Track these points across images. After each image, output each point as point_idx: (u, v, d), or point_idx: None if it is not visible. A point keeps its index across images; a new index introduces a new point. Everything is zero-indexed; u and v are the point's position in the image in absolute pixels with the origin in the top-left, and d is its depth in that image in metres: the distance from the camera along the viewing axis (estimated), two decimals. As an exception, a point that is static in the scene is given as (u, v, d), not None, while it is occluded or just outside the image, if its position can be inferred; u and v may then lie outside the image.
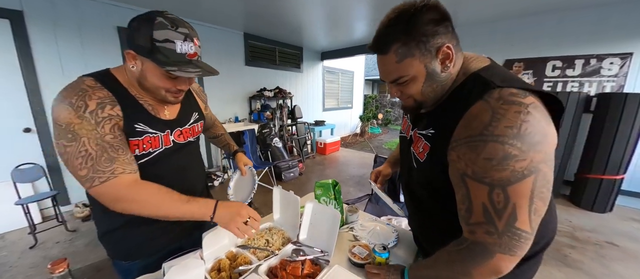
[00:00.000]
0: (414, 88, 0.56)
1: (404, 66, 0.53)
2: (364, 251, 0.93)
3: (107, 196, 0.61)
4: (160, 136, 0.72)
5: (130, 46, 0.61)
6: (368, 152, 5.56)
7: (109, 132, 0.61)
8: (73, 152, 0.57)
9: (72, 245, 2.12)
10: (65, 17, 2.44)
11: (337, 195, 1.06)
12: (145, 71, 0.63)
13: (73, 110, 0.57)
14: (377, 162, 2.12)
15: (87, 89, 0.60)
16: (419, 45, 0.51)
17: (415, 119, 0.70)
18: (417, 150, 0.64)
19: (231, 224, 0.71)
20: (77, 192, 2.72)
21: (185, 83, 0.68)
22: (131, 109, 0.66)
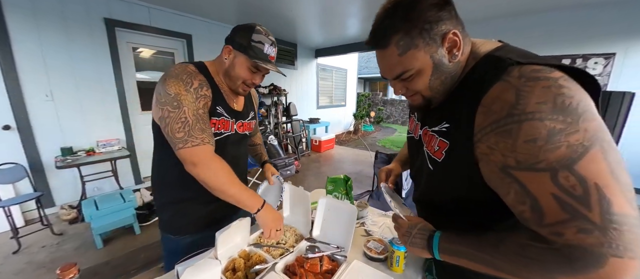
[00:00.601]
0: (420, 83, 0.51)
1: (407, 59, 0.48)
2: (380, 246, 0.92)
3: (192, 158, 0.72)
4: (231, 122, 0.87)
5: (229, 43, 0.80)
6: (362, 149, 5.59)
7: (202, 108, 0.76)
8: (175, 117, 0.71)
9: (59, 249, 2.01)
10: (48, 8, 2.29)
11: (349, 190, 1.05)
12: (235, 63, 0.80)
13: (183, 84, 0.72)
14: (378, 159, 2.13)
15: (193, 72, 0.77)
16: (422, 33, 0.45)
17: (424, 116, 0.62)
18: (432, 149, 0.56)
19: (271, 225, 0.82)
20: (62, 194, 2.57)
21: (259, 79, 0.84)
22: (217, 94, 0.81)
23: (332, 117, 6.65)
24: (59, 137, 2.48)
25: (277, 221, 0.84)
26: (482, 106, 0.43)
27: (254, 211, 0.80)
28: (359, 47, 5.07)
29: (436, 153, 0.54)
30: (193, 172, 0.73)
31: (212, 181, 0.74)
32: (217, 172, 0.75)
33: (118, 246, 2.05)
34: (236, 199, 0.77)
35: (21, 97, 2.25)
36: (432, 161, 0.56)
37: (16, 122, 2.26)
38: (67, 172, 2.49)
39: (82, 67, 2.52)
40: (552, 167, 0.36)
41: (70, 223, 2.37)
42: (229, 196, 0.76)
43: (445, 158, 0.52)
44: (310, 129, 5.28)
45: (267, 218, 0.81)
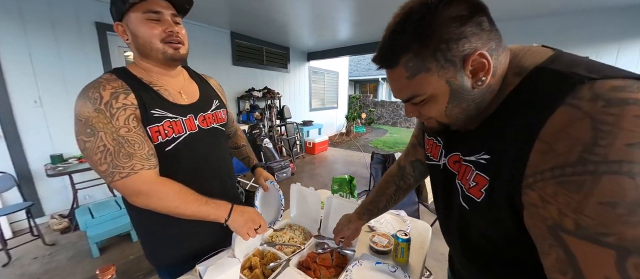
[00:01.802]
0: (434, 109, 0.43)
1: (417, 83, 0.40)
2: (384, 240, 0.99)
3: (127, 190, 0.62)
4: (182, 120, 0.71)
5: (114, 21, 0.66)
6: (355, 150, 5.69)
7: (123, 125, 0.60)
8: (92, 148, 0.58)
9: (53, 260, 1.95)
10: (35, 11, 2.23)
11: (353, 189, 1.11)
12: (133, 30, 0.64)
13: (90, 103, 0.58)
14: (374, 160, 2.21)
15: (102, 81, 0.62)
16: (436, 55, 0.37)
17: (453, 140, 0.52)
18: (467, 184, 0.45)
19: (243, 229, 0.73)
20: (51, 203, 2.49)
21: (172, 24, 0.67)
22: (146, 96, 0.66)
23: (325, 119, 6.72)
24: (48, 144, 2.41)
25: (250, 221, 0.74)
26: (541, 141, 0.33)
27: (222, 221, 0.70)
28: (350, 51, 5.19)
29: (473, 190, 0.44)
30: (136, 204, 0.63)
31: (160, 208, 0.64)
32: (163, 197, 0.63)
33: (115, 254, 2.02)
34: (198, 217, 0.67)
35: (8, 103, 2.18)
36: (468, 199, 0.45)
37: (3, 130, 2.18)
38: (57, 181, 2.42)
39: (73, 72, 2.46)
40: (624, 247, 0.26)
41: (62, 233, 2.30)
42: (189, 216, 0.66)
43: (486, 198, 0.42)
44: (303, 132, 5.32)
45: (238, 222, 0.72)
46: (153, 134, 0.66)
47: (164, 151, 0.68)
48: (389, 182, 0.81)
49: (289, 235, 0.99)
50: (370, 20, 3.58)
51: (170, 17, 0.67)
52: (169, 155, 0.69)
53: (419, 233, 1.10)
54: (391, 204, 0.81)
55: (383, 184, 0.82)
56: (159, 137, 0.67)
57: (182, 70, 0.82)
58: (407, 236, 0.88)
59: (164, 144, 0.68)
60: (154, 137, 0.66)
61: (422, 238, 1.06)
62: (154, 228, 0.76)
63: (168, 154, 0.69)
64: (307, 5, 2.97)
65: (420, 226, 1.16)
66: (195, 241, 0.82)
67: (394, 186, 0.80)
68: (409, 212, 1.79)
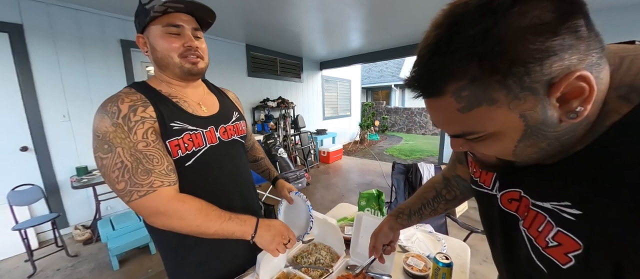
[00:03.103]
0: (497, 147, 0.33)
1: (474, 118, 0.30)
2: (420, 262, 0.89)
3: (146, 210, 0.58)
4: (203, 132, 0.68)
5: (137, 32, 0.66)
6: (370, 159, 5.56)
7: (142, 139, 0.58)
8: (109, 165, 0.55)
9: (75, 272, 1.97)
10: (66, 31, 2.36)
11: (382, 205, 1.03)
12: (152, 43, 0.64)
13: (108, 117, 0.57)
14: (396, 170, 2.10)
15: (121, 95, 0.61)
16: (507, 82, 0.26)
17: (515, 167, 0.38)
18: (542, 241, 0.35)
19: (271, 245, 0.68)
20: (75, 214, 2.55)
21: (191, 39, 0.65)
22: (165, 108, 0.64)
23: (338, 127, 6.66)
24: (74, 156, 2.49)
25: (278, 235, 0.69)
26: None
27: (248, 238, 0.66)
28: (362, 59, 5.16)
29: (553, 251, 0.34)
30: (156, 225, 0.60)
31: (181, 228, 0.60)
32: (184, 216, 0.59)
33: (134, 267, 2.01)
34: (222, 235, 0.63)
35: (40, 118, 2.28)
36: (546, 261, 0.35)
37: (33, 144, 2.28)
38: (81, 192, 2.49)
39: (98, 87, 2.56)
40: None
41: (84, 244, 2.34)
42: (212, 235, 0.62)
43: (578, 267, 0.32)
44: (317, 141, 5.28)
45: (265, 237, 0.67)
46: (173, 149, 0.63)
47: (184, 166, 0.65)
48: (428, 188, 0.73)
49: (314, 256, 0.91)
50: (380, 29, 3.56)
51: (191, 31, 0.65)
52: (189, 170, 0.66)
53: (456, 254, 1.00)
54: (427, 210, 0.71)
55: (422, 189, 0.75)
56: (179, 152, 0.64)
57: (201, 83, 0.80)
58: (448, 260, 0.78)
59: (183, 158, 0.65)
60: (174, 151, 0.63)
61: (462, 260, 0.96)
62: (174, 249, 0.72)
63: (188, 168, 0.66)
64: (320, 16, 2.99)
65: (456, 246, 1.06)
66: (215, 264, 0.77)
67: (433, 192, 0.71)
68: (436, 226, 1.66)
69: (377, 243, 0.75)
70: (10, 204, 2.01)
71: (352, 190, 3.65)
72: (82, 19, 2.44)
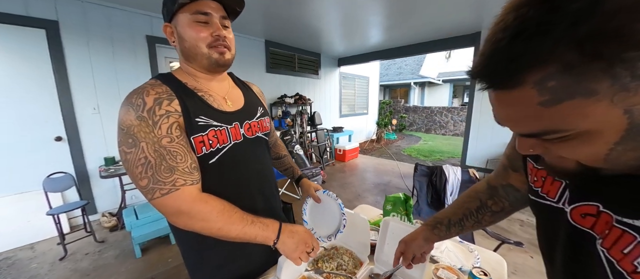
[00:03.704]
0: (585, 150, 0.28)
1: (560, 114, 0.25)
2: (452, 276, 0.81)
3: (168, 209, 0.56)
4: (227, 128, 0.65)
5: (164, 21, 0.64)
6: (386, 158, 5.41)
7: (166, 134, 0.55)
8: (133, 160, 0.53)
9: (101, 257, 2.07)
10: (98, 27, 2.47)
11: (410, 210, 0.96)
12: (180, 32, 0.61)
13: (133, 110, 0.54)
14: (418, 172, 2.00)
15: (146, 87, 0.58)
16: (615, 70, 0.22)
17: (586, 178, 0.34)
18: (628, 266, 0.30)
19: (295, 253, 0.65)
20: (103, 201, 2.69)
21: (219, 28, 0.62)
22: (191, 102, 0.61)
23: (355, 125, 6.55)
24: (103, 147, 2.62)
25: (302, 243, 0.66)
26: None
27: (270, 243, 0.63)
28: (381, 55, 5.00)
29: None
30: (177, 225, 0.58)
31: (202, 229, 0.58)
32: (206, 218, 0.57)
33: (155, 256, 2.08)
34: (244, 239, 0.60)
35: (72, 111, 2.41)
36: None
37: (67, 134, 2.42)
38: (109, 181, 2.62)
39: (125, 82, 2.66)
40: None
41: (111, 231, 2.46)
42: (234, 238, 0.59)
43: None
44: (334, 138, 5.22)
45: (288, 245, 0.64)
46: (197, 145, 0.60)
47: (207, 164, 0.62)
48: (471, 196, 0.65)
49: (337, 261, 0.86)
50: (402, 24, 3.42)
51: (219, 20, 0.63)
52: (212, 167, 0.63)
53: (492, 267, 0.90)
54: (470, 222, 0.63)
55: (464, 197, 0.66)
56: (203, 148, 0.61)
57: (227, 76, 0.77)
58: (487, 275, 0.70)
59: (207, 155, 0.62)
60: (198, 148, 0.60)
61: (498, 275, 0.87)
62: (195, 249, 0.71)
63: (211, 166, 0.63)
64: (341, 10, 2.91)
65: (491, 259, 0.96)
66: (234, 266, 0.74)
67: (478, 201, 0.63)
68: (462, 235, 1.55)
69: (408, 252, 0.69)
70: (46, 191, 2.14)
71: (368, 190, 3.56)
72: (113, 16, 2.54)
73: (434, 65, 12.11)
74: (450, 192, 1.82)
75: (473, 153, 3.96)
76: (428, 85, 13.00)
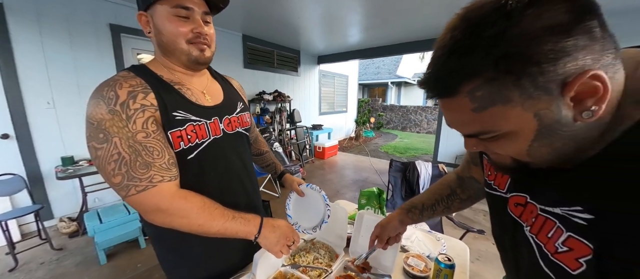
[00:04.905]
0: (511, 147, 0.33)
1: (488, 118, 0.30)
2: (420, 263, 0.87)
3: (145, 206, 0.54)
4: (206, 123, 0.64)
5: (139, 9, 0.59)
6: (365, 155, 5.56)
7: (141, 129, 0.53)
8: (105, 156, 0.51)
9: (60, 265, 1.89)
10: (51, 13, 2.22)
11: (383, 204, 1.00)
12: (158, 24, 0.58)
13: (104, 104, 0.51)
14: (393, 167, 2.09)
15: (118, 79, 0.55)
16: (522, 82, 0.26)
17: (527, 172, 0.39)
18: (551, 247, 0.34)
19: (276, 247, 0.66)
20: (61, 206, 2.46)
21: (201, 24, 0.60)
22: (168, 96, 0.59)
23: (334, 123, 6.62)
24: (59, 146, 2.38)
25: (283, 238, 0.66)
26: None
27: (252, 238, 0.63)
28: (360, 55, 5.11)
29: (563, 257, 0.33)
30: (155, 223, 0.56)
31: (182, 226, 0.56)
32: (186, 214, 0.55)
33: (123, 262, 1.95)
34: (225, 235, 0.59)
35: (21, 104, 2.16)
36: (555, 268, 0.34)
37: (15, 131, 2.16)
38: (67, 183, 2.39)
39: (86, 74, 2.44)
40: None
41: (70, 237, 2.25)
42: (214, 234, 0.58)
43: (587, 273, 0.31)
44: (313, 136, 5.24)
45: (270, 239, 0.64)
46: (174, 140, 0.58)
47: (185, 159, 0.61)
48: (443, 185, 0.72)
49: (313, 255, 0.88)
50: (381, 25, 3.51)
51: (201, 15, 0.60)
52: (191, 163, 0.62)
53: (456, 253, 0.98)
54: (440, 207, 0.71)
55: (437, 185, 0.73)
56: (181, 144, 0.59)
57: (206, 70, 0.75)
58: (450, 261, 0.77)
59: (186, 151, 0.60)
60: (176, 143, 0.58)
61: (462, 260, 0.94)
62: (173, 247, 0.69)
63: (190, 162, 0.61)
64: (320, 8, 2.91)
65: (456, 246, 1.04)
66: (213, 261, 0.74)
67: (448, 189, 0.70)
68: (431, 225, 1.66)
69: (383, 235, 0.74)
70: (-10, 195, 1.90)
71: (347, 186, 3.64)
72: (71, 1, 2.30)
73: (410, 66, 12.61)
74: (422, 186, 1.92)
75: (444, 150, 4.21)
76: (404, 85, 13.51)
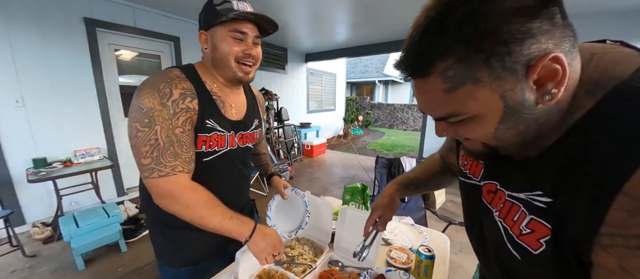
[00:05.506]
0: (479, 131, 0.34)
1: (458, 99, 0.31)
2: (403, 255, 0.90)
3: (159, 190, 0.61)
4: (227, 136, 0.73)
5: (200, 29, 0.69)
6: (353, 153, 5.61)
7: (180, 126, 0.62)
8: (143, 138, 0.58)
9: (33, 273, 1.79)
10: (18, 4, 2.08)
11: (367, 199, 1.02)
12: (215, 42, 0.67)
13: (159, 96, 0.59)
14: (379, 164, 2.12)
15: (175, 78, 0.63)
16: (491, 61, 0.28)
17: (499, 161, 0.42)
18: (516, 229, 0.37)
19: (263, 254, 0.70)
20: (33, 210, 2.32)
21: (251, 47, 0.69)
22: (206, 104, 0.67)
23: (322, 121, 6.64)
24: (30, 147, 2.25)
25: (271, 247, 0.70)
26: (627, 195, 0.25)
27: (242, 240, 0.67)
28: (348, 53, 5.14)
29: (526, 238, 0.35)
30: (161, 206, 0.62)
31: (185, 215, 0.62)
32: (191, 205, 0.62)
33: (103, 266, 1.87)
34: (219, 232, 0.64)
35: (-14, 103, 2.02)
36: (520, 249, 0.37)
37: (-21, 132, 2.02)
38: (40, 186, 2.25)
39: (59, 70, 2.31)
40: None
41: (45, 243, 2.14)
42: (211, 229, 0.63)
43: (548, 252, 0.33)
44: (301, 134, 5.23)
45: (259, 245, 0.68)
46: (199, 142, 0.67)
47: (201, 160, 0.69)
48: (433, 163, 0.75)
49: (298, 251, 0.89)
50: (368, 23, 3.54)
51: (253, 39, 0.69)
52: (204, 163, 0.69)
53: (437, 245, 1.02)
54: (433, 183, 0.75)
55: (427, 163, 0.76)
56: (203, 147, 0.68)
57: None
58: (430, 252, 0.79)
59: (204, 153, 0.69)
60: (199, 145, 0.67)
61: (442, 251, 0.98)
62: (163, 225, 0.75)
63: (204, 163, 0.69)
64: (307, 4, 2.90)
65: (437, 238, 1.08)
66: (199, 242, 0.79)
67: (439, 167, 0.74)
68: (416, 218, 1.71)
69: (386, 215, 0.72)
70: (-49, 200, 1.77)
71: (335, 184, 3.67)
72: (38, -8, 2.17)
73: (397, 64, 12.80)
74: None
75: (428, 147, 4.33)
76: (391, 83, 13.74)
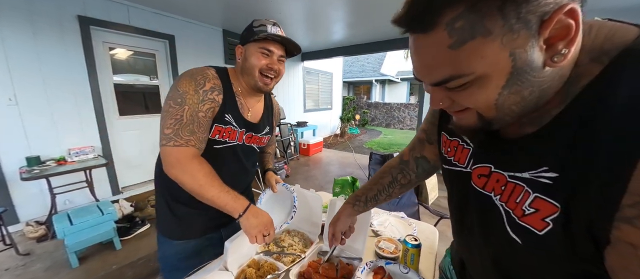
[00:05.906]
0: (481, 96, 0.31)
1: (464, 56, 0.28)
2: (391, 245, 0.92)
3: (171, 158, 0.69)
4: (238, 132, 0.82)
5: (238, 44, 0.82)
6: (350, 152, 5.64)
7: (204, 112, 0.72)
8: (172, 112, 0.69)
9: (27, 271, 1.79)
10: (10, 2, 2.07)
11: (356, 191, 1.04)
12: (247, 55, 0.79)
13: (194, 84, 0.72)
14: (373, 160, 2.15)
15: (209, 74, 0.76)
16: (506, 9, 0.26)
17: (487, 145, 0.40)
18: (519, 211, 0.35)
19: (254, 231, 0.72)
20: (26, 209, 2.31)
21: (275, 62, 0.79)
22: (229, 101, 0.79)
23: (319, 120, 6.65)
24: (24, 145, 2.23)
25: (262, 225, 0.73)
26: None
27: (235, 216, 0.71)
28: (345, 51, 5.14)
29: (530, 219, 0.33)
30: (170, 174, 0.69)
31: (188, 183, 0.68)
32: (195, 174, 0.68)
33: (96, 264, 1.87)
34: (215, 203, 0.70)
35: (-22, 101, 2.01)
36: (522, 231, 0.34)
37: (-28, 130, 2.01)
38: (34, 185, 2.25)
39: (52, 69, 2.30)
40: None
41: (38, 241, 2.13)
42: (207, 199, 0.69)
43: (556, 231, 0.31)
44: (298, 133, 5.24)
45: (251, 222, 0.72)
46: (215, 130, 0.77)
47: (212, 147, 0.78)
48: (385, 172, 0.72)
49: (287, 242, 0.90)
50: (365, 21, 3.54)
51: (278, 56, 0.80)
52: (214, 151, 0.78)
53: (425, 236, 1.04)
54: (383, 196, 0.72)
55: (379, 174, 0.74)
56: (217, 135, 0.78)
57: None
58: (417, 241, 0.81)
59: (216, 141, 0.79)
60: (214, 132, 0.77)
61: (430, 242, 1.00)
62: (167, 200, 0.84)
63: (213, 150, 0.78)
64: (303, 3, 2.91)
65: (426, 229, 1.10)
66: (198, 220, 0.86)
67: (389, 177, 0.71)
68: (409, 213, 1.73)
69: (336, 231, 0.76)
70: (-57, 198, 1.76)
71: (331, 182, 3.69)
72: (30, -10, 2.16)
73: (394, 64, 12.87)
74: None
75: (424, 144, 4.36)
76: (388, 82, 13.79)
